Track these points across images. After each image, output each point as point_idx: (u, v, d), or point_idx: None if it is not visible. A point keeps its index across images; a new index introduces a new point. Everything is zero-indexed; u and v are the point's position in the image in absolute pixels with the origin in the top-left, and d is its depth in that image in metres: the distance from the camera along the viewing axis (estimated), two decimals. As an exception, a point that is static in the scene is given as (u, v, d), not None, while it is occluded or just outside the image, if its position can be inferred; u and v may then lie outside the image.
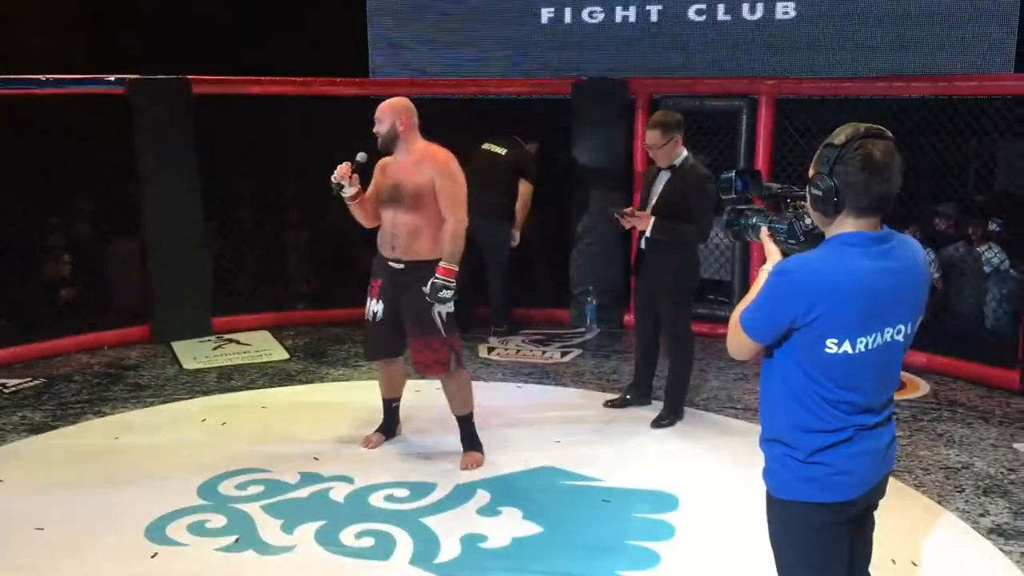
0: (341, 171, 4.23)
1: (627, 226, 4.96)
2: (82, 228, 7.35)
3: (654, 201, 4.92)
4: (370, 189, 4.41)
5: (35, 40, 8.90)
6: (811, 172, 2.26)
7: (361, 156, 4.28)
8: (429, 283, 4.20)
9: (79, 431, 5.02)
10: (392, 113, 4.27)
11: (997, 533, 3.89)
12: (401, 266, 4.32)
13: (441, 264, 4.23)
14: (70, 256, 6.86)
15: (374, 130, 4.32)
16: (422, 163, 4.26)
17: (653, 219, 4.84)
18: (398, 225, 4.29)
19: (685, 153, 4.88)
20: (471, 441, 4.60)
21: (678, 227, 4.81)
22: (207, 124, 6.65)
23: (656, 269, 4.92)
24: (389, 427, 4.83)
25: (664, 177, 4.90)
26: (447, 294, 4.22)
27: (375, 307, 4.46)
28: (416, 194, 4.22)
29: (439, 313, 4.30)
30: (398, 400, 4.83)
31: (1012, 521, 4.00)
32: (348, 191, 4.30)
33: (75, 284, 6.84)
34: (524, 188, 6.60)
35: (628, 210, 4.94)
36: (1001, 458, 4.69)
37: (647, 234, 4.88)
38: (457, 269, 4.26)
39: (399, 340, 4.54)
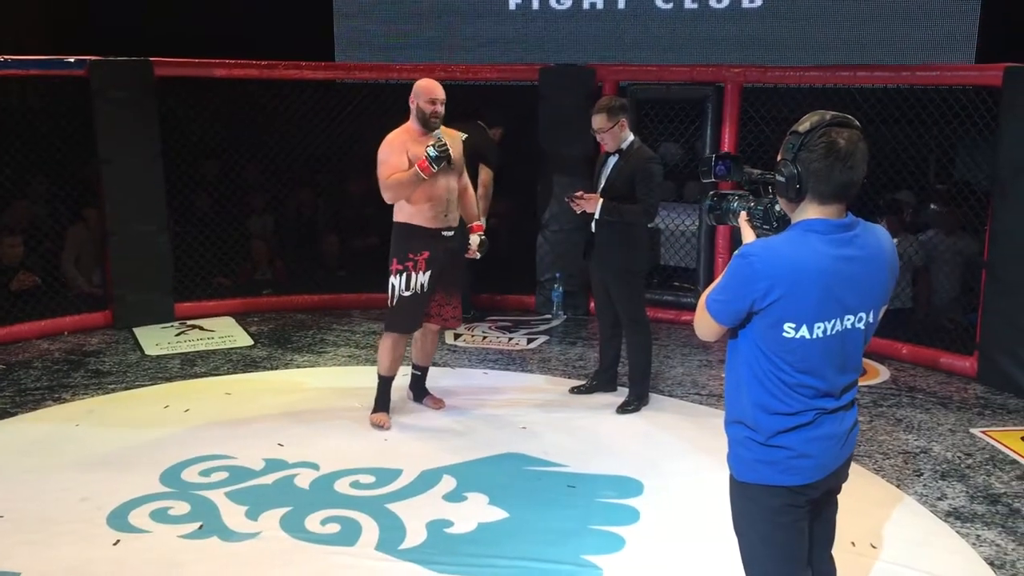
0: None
1: (577, 210, 4.99)
2: (39, 211, 7.22)
3: (603, 184, 4.97)
4: (401, 165, 4.47)
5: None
6: (778, 158, 2.29)
7: (439, 134, 4.48)
8: (478, 240, 4.79)
9: (39, 417, 4.95)
10: None
11: (954, 516, 3.97)
12: (452, 232, 4.69)
13: (480, 223, 4.85)
14: (24, 239, 6.73)
15: (441, 109, 4.55)
16: (453, 137, 4.66)
17: (601, 201, 4.88)
18: (452, 191, 4.65)
19: (632, 137, 4.95)
20: (427, 387, 5.15)
21: (625, 208, 4.85)
22: (170, 107, 6.57)
23: (606, 251, 4.97)
24: (389, 406, 4.89)
25: (612, 161, 4.96)
26: (487, 247, 4.84)
27: (422, 279, 4.64)
28: (460, 165, 4.71)
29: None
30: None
31: (968, 504, 4.08)
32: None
33: (31, 269, 6.72)
34: (484, 174, 6.49)
35: (577, 194, 4.97)
36: (959, 443, 4.77)
37: (596, 216, 4.92)
38: None
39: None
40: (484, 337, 6.53)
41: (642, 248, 5.08)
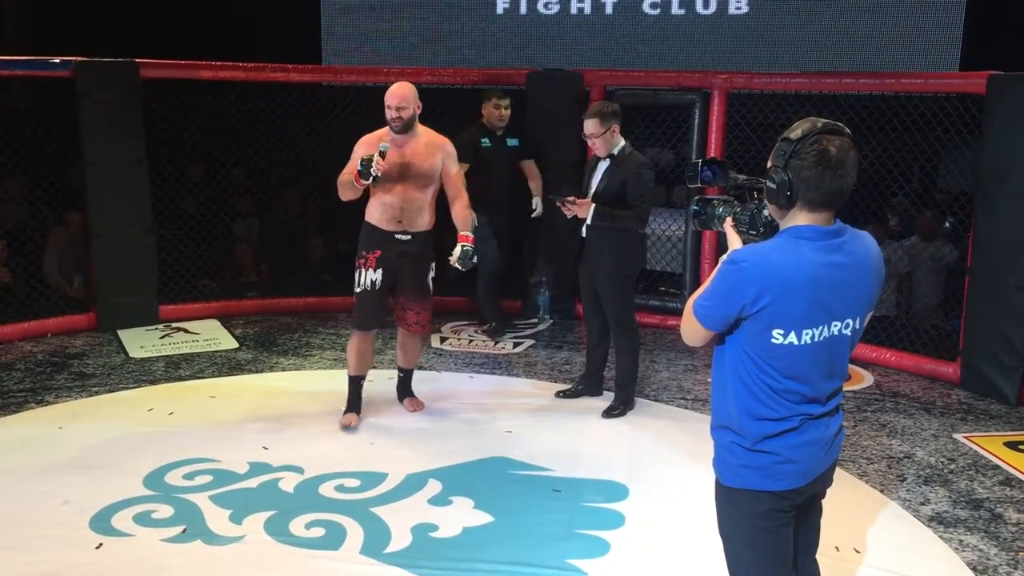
0: (379, 164, 4.43)
1: (568, 215, 4.99)
2: (22, 213, 7.18)
3: (594, 189, 4.97)
4: (355, 166, 4.53)
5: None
6: (769, 165, 2.29)
7: (384, 147, 4.48)
8: (460, 250, 4.67)
9: (21, 420, 4.91)
10: (414, 99, 4.61)
11: (937, 521, 3.99)
12: (408, 237, 4.69)
13: (466, 234, 4.74)
14: (6, 242, 6.69)
15: (398, 115, 4.54)
16: (432, 147, 4.67)
17: (594, 206, 4.88)
18: (407, 200, 4.64)
19: (623, 142, 4.95)
20: (411, 390, 5.16)
21: (618, 213, 4.86)
22: (155, 108, 6.54)
23: (597, 257, 4.97)
24: (359, 406, 4.90)
25: (603, 166, 4.96)
26: (470, 259, 4.73)
27: (372, 276, 4.71)
28: (428, 174, 4.65)
29: (431, 279, 4.85)
30: (365, 377, 4.93)
31: (951, 509, 4.10)
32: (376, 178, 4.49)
33: (12, 270, 6.68)
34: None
35: (569, 198, 4.97)
36: (942, 448, 4.80)
37: (588, 222, 4.92)
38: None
39: (385, 310, 4.86)
40: (470, 341, 6.52)
41: (634, 252, 5.09)
